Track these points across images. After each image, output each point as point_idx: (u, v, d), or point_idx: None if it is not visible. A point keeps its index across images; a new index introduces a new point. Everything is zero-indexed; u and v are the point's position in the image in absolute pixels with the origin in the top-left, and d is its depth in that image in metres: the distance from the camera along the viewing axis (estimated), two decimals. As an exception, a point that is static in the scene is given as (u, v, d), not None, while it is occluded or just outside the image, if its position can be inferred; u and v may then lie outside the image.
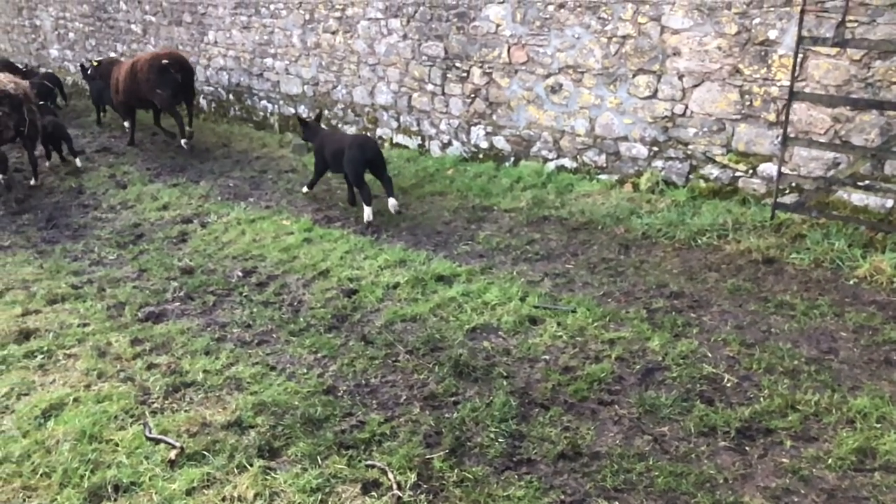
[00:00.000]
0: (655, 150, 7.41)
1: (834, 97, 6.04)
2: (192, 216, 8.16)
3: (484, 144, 8.97)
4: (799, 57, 6.10)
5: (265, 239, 7.23)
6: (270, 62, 11.68)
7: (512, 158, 8.70)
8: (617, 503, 3.47)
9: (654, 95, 7.27)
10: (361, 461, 3.80)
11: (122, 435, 4.10)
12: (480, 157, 9.02)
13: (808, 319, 4.96)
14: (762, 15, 6.40)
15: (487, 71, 8.63)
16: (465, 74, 8.89)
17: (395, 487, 3.57)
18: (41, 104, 10.82)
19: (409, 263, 6.31)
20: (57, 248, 7.39)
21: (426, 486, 3.61)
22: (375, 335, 5.14)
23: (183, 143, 11.01)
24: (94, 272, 6.69)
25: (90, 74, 13.10)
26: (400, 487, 3.58)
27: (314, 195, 8.55)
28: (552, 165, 8.28)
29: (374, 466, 3.75)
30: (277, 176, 9.49)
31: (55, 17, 17.02)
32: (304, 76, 11.18)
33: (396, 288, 5.86)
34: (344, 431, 4.07)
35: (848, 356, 4.53)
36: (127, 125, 11.99)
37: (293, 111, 11.37)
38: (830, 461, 3.63)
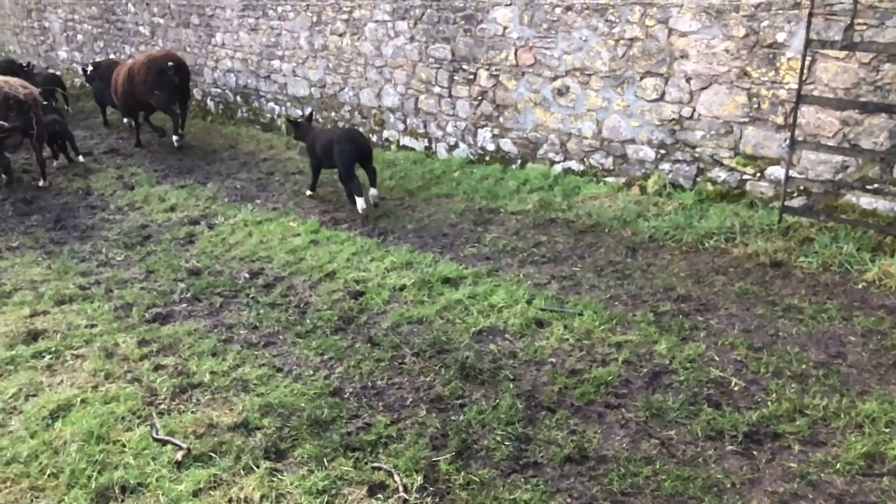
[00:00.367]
0: (663, 152, 7.39)
1: (842, 100, 6.02)
2: (199, 218, 8.18)
3: (491, 147, 8.97)
4: (807, 60, 6.08)
5: (272, 241, 7.25)
6: (278, 64, 11.71)
7: (519, 161, 8.70)
8: (624, 507, 3.46)
9: (661, 98, 7.26)
10: (368, 463, 3.80)
11: (129, 436, 4.11)
12: (487, 159, 9.02)
13: (816, 323, 4.93)
14: (770, 18, 6.38)
15: (494, 73, 8.63)
16: (472, 77, 8.89)
17: (401, 490, 3.57)
18: (45, 104, 10.91)
19: (415, 265, 6.31)
20: (65, 249, 7.42)
21: (432, 488, 3.61)
22: (382, 337, 5.14)
23: (174, 139, 11.17)
24: (101, 273, 6.71)
25: (89, 76, 13.24)
26: (406, 490, 3.57)
27: (321, 197, 8.57)
28: (559, 168, 8.28)
29: (380, 468, 3.75)
30: (284, 178, 9.51)
31: (64, 19, 17.11)
32: (311, 78, 11.21)
33: (403, 290, 5.86)
34: (350, 433, 4.07)
35: (856, 360, 4.50)
36: (127, 121, 12.13)
37: (300, 113, 11.40)
38: (839, 466, 3.61)
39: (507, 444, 3.90)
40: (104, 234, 7.85)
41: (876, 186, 6.02)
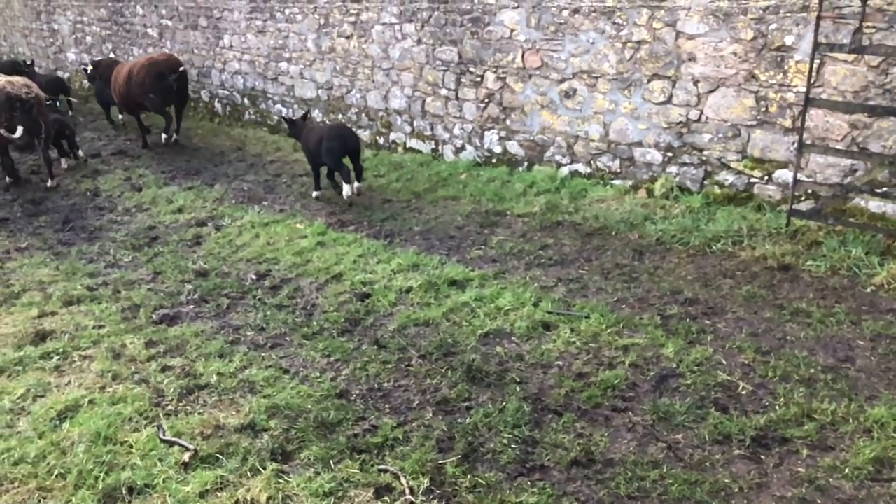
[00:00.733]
0: (670, 155, 7.38)
1: (851, 104, 6.00)
2: (206, 219, 8.20)
3: (497, 149, 8.97)
4: (815, 63, 6.06)
5: (279, 242, 7.26)
6: (285, 66, 11.74)
7: (525, 163, 8.69)
8: (630, 511, 3.45)
9: (668, 101, 7.25)
10: (374, 465, 3.80)
11: (136, 437, 4.13)
12: (494, 161, 9.02)
13: (824, 327, 4.91)
14: (778, 21, 6.37)
15: (501, 76, 8.63)
16: (478, 79, 8.89)
17: (407, 492, 3.57)
18: (48, 103, 11.06)
19: (422, 268, 6.31)
20: (73, 250, 7.45)
21: (439, 491, 3.61)
22: (388, 339, 5.15)
23: (163, 137, 11.45)
24: (109, 274, 6.74)
25: (90, 75, 13.37)
26: (413, 492, 3.57)
27: (328, 199, 8.58)
28: (566, 170, 8.27)
29: (386, 471, 3.75)
30: (291, 180, 9.53)
31: (73, 21, 17.19)
32: (318, 80, 11.23)
33: (409, 292, 5.86)
34: (357, 435, 4.07)
35: (865, 365, 4.48)
36: (121, 117, 12.36)
37: (308, 115, 11.41)
38: (847, 471, 3.59)
39: (513, 447, 3.89)
40: (112, 235, 7.89)
41: (885, 190, 5.99)
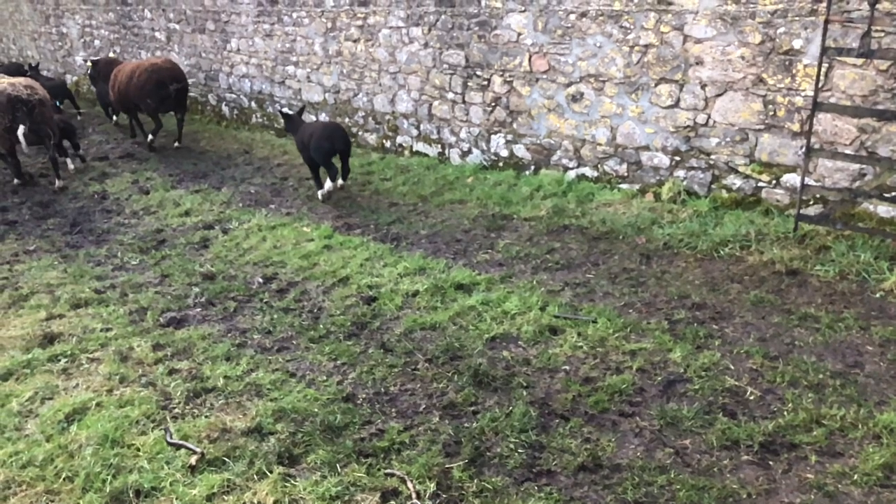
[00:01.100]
0: (677, 159, 7.36)
1: (859, 108, 5.97)
2: (213, 222, 8.22)
3: (504, 153, 8.97)
4: (824, 67, 6.04)
5: (286, 245, 7.27)
6: (292, 70, 11.77)
7: (532, 167, 8.69)
8: (638, 517, 3.44)
9: (676, 105, 7.24)
10: (381, 469, 3.80)
11: (143, 440, 4.14)
12: (500, 165, 9.02)
13: (832, 332, 4.89)
14: (787, 24, 6.35)
15: (508, 79, 8.63)
16: (485, 83, 8.90)
17: (414, 496, 3.56)
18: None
19: (428, 271, 6.31)
20: (81, 252, 7.48)
21: (445, 495, 3.60)
22: (395, 343, 5.14)
23: (149, 139, 11.74)
24: (116, 277, 6.76)
25: (91, 75, 13.47)
26: (419, 497, 3.57)
27: (334, 202, 8.59)
28: (573, 174, 8.26)
29: (393, 475, 3.74)
30: (298, 183, 9.55)
31: (81, 24, 17.28)
32: (325, 84, 11.25)
33: (416, 296, 5.86)
34: (363, 439, 4.07)
35: (874, 370, 4.46)
36: (115, 119, 12.74)
37: (314, 119, 11.44)
38: (856, 477, 3.56)
39: (520, 451, 3.88)
40: (119, 238, 7.91)
41: (894, 195, 5.95)
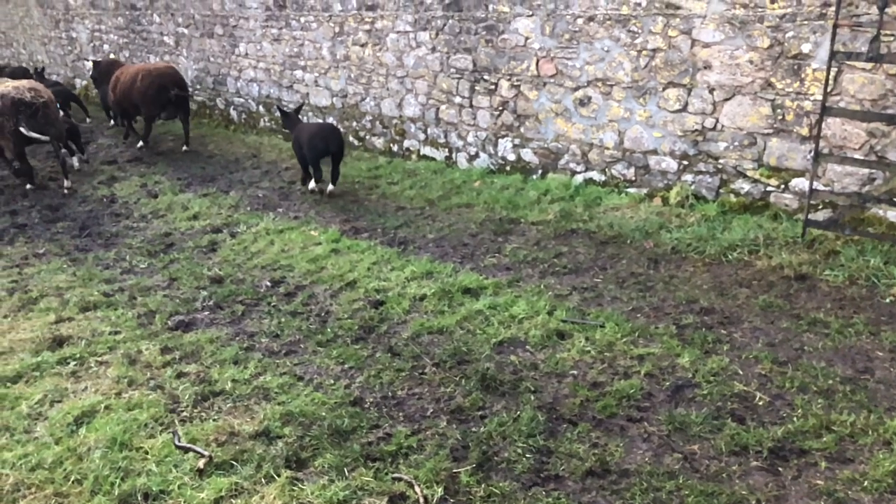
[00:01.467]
0: (685, 163, 7.35)
1: (869, 112, 5.95)
2: (221, 226, 8.24)
3: (511, 157, 8.97)
4: (833, 71, 6.02)
5: (293, 249, 7.29)
6: (300, 74, 11.81)
7: (539, 171, 8.68)
8: (646, 522, 3.42)
9: (684, 109, 7.22)
10: (388, 474, 3.79)
11: (151, 443, 4.14)
12: (508, 169, 9.02)
13: (842, 338, 4.86)
14: (795, 28, 6.33)
15: (516, 83, 8.64)
16: (493, 87, 8.91)
17: (421, 501, 3.56)
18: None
19: (435, 275, 6.31)
20: (89, 256, 7.51)
21: (453, 500, 3.60)
22: (402, 347, 5.14)
23: (139, 146, 12.04)
24: (125, 280, 6.78)
25: (93, 76, 13.57)
26: (427, 501, 3.56)
27: (341, 206, 8.60)
28: (580, 178, 8.25)
29: (400, 479, 3.74)
30: (306, 187, 9.56)
31: (91, 29, 17.38)
32: (333, 88, 11.28)
33: (423, 300, 5.86)
34: (371, 443, 4.06)
35: (884, 376, 4.43)
36: (112, 121, 13.02)
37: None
38: (866, 483, 3.54)
39: (528, 456, 3.88)
40: (128, 241, 7.94)
41: (903, 199, 5.93)
